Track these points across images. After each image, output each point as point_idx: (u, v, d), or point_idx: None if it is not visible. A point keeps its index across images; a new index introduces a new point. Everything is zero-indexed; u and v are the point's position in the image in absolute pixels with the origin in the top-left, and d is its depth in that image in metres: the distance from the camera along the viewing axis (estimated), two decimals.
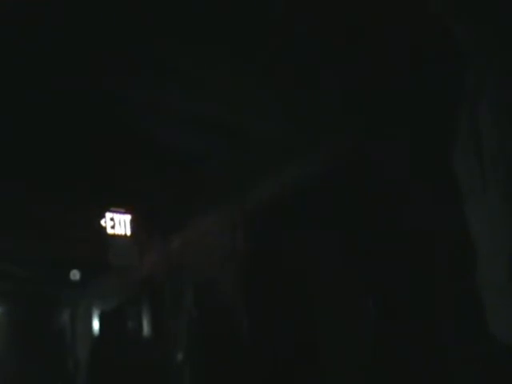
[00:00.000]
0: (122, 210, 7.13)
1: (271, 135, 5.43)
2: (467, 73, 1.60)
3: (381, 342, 4.84)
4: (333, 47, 4.05)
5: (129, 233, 7.16)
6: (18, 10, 3.53)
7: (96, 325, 8.89)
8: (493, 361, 2.72)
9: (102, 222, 7.28)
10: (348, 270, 5.09)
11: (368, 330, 4.97)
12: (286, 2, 3.72)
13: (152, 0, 3.70)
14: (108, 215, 7.25)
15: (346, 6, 3.65)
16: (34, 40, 3.87)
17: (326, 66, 4.28)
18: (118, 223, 7.26)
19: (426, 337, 4.33)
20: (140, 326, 8.05)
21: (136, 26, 3.82)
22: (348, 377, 5.18)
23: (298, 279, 5.77)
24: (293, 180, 5.62)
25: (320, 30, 3.85)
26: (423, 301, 4.31)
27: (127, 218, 7.17)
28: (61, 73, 4.31)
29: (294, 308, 5.72)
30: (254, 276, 6.18)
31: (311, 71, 4.36)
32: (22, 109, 4.83)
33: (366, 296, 4.90)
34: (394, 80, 4.26)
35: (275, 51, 4.09)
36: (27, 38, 3.84)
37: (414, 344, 4.36)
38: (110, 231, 7.28)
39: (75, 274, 8.65)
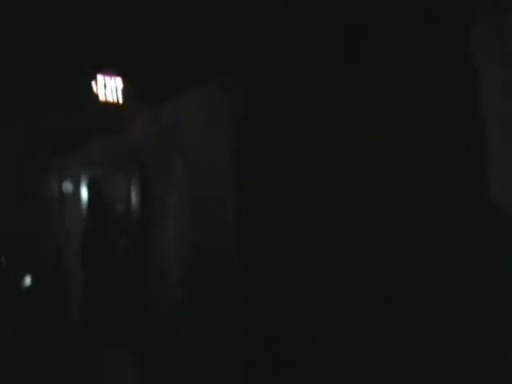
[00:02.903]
0: (114, 73, 6.86)
1: None
2: None
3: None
4: None
5: (120, 97, 6.93)
6: None
7: (84, 192, 8.82)
8: None
9: (92, 86, 7.05)
10: None
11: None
12: None
13: None
14: (99, 78, 7.00)
15: None
16: None
17: None
18: (108, 88, 7.02)
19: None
20: (128, 195, 7.96)
21: None
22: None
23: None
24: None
25: None
26: None
27: (118, 81, 6.91)
28: None
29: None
30: (245, 148, 6.05)
31: None
32: None
33: None
34: None
35: None
36: None
37: None
38: (100, 96, 7.06)
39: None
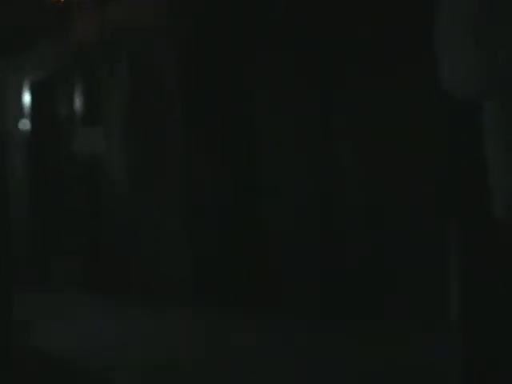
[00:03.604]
0: None
1: None
2: None
3: None
4: None
5: None
6: None
7: (27, 98, 8.68)
8: None
9: None
10: None
11: None
12: None
13: None
14: None
15: None
16: None
17: None
18: None
19: None
20: (72, 101, 7.85)
21: None
22: None
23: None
24: None
25: None
26: None
27: None
28: None
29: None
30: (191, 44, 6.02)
31: None
32: None
33: None
34: None
35: None
36: None
37: None
38: None
39: None
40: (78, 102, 7.62)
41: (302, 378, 3.48)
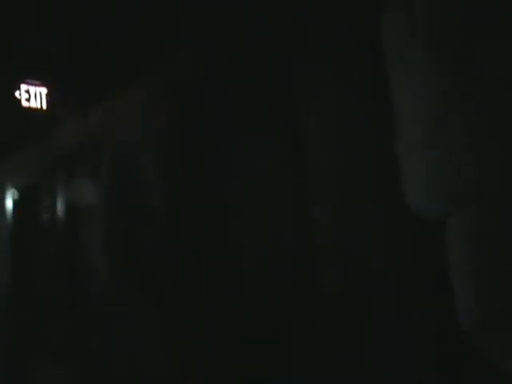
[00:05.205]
0: (38, 83, 6.93)
1: None
2: None
3: None
4: None
5: (44, 106, 6.99)
6: None
7: (9, 202, 8.80)
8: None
9: (16, 95, 7.07)
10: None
11: None
12: None
13: None
14: (23, 87, 7.04)
15: None
16: None
17: None
18: (33, 96, 7.06)
19: None
20: (54, 203, 8.00)
21: None
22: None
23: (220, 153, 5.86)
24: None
25: None
26: None
27: (43, 90, 6.98)
28: None
29: (212, 181, 5.84)
30: (175, 153, 6.20)
31: None
32: None
33: None
34: None
35: None
36: None
37: None
38: (24, 104, 7.09)
39: None
40: (60, 210, 7.74)
41: None
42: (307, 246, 4.87)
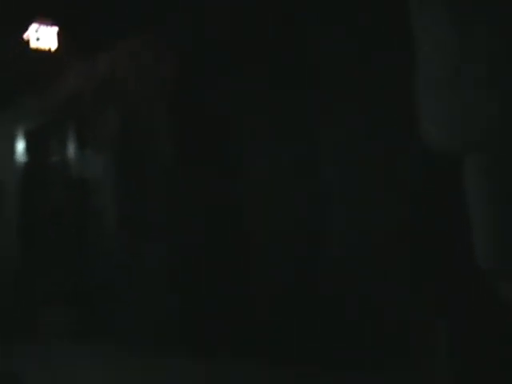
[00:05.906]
0: (48, 22, 6.79)
1: None
2: None
3: None
4: None
5: (54, 46, 6.87)
6: None
7: (19, 146, 8.74)
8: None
9: (26, 35, 6.95)
10: None
11: None
12: None
13: None
14: (32, 27, 6.91)
15: None
16: None
17: None
18: (42, 36, 6.94)
19: None
20: (65, 149, 7.93)
21: None
22: None
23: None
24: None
25: None
26: None
27: (53, 30, 6.85)
28: None
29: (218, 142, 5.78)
30: (181, 104, 6.11)
31: None
32: None
33: None
34: None
35: None
36: None
37: None
38: (34, 44, 6.97)
39: None
40: (70, 155, 7.69)
41: None
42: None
